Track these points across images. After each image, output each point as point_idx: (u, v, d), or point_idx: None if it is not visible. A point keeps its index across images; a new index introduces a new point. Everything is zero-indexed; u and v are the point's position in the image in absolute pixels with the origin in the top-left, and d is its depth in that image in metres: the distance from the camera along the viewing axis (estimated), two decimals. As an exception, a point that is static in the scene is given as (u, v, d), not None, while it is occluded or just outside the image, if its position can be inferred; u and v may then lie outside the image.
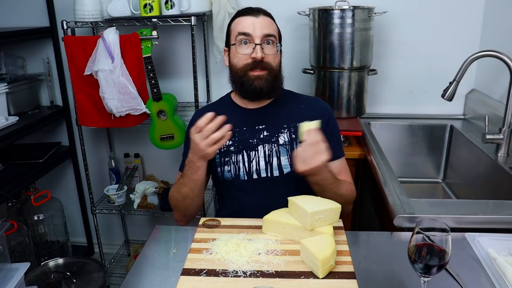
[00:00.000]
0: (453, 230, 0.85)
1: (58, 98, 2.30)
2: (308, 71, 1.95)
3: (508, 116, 1.54)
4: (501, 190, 1.47)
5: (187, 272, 0.94)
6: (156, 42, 1.84)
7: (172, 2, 1.84)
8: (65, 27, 1.88)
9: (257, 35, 1.23)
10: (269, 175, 1.29)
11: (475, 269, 0.98)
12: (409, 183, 1.97)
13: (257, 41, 1.23)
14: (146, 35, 1.82)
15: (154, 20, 1.81)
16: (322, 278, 0.90)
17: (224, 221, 1.15)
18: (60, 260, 1.70)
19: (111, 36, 1.79)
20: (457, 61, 1.57)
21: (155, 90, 1.89)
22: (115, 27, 1.83)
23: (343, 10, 1.76)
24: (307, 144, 1.09)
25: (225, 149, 1.31)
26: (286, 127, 1.31)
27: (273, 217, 1.08)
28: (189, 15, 1.80)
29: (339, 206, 1.06)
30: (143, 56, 1.85)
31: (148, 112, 1.91)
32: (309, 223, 1.01)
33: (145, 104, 1.90)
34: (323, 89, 1.90)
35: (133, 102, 1.86)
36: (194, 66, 1.86)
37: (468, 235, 1.10)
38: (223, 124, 1.11)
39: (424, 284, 0.84)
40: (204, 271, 0.94)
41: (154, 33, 1.82)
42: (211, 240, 1.06)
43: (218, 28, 1.94)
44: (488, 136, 1.56)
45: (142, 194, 2.12)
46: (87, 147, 2.27)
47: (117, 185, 2.20)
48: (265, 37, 1.24)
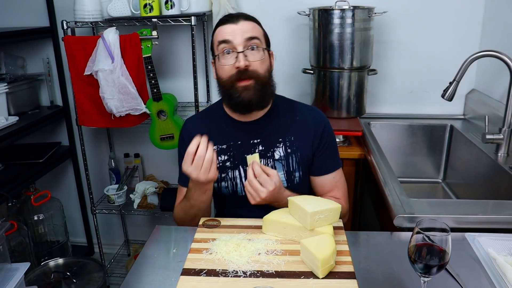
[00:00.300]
0: (453, 230, 0.85)
1: (58, 98, 2.30)
2: (308, 71, 1.95)
3: (508, 116, 1.54)
4: (501, 190, 1.47)
5: (187, 272, 0.94)
6: (156, 42, 1.84)
7: (172, 2, 1.84)
8: (65, 27, 1.88)
9: (238, 41, 1.16)
10: None
11: (475, 269, 0.98)
12: (409, 183, 1.97)
13: (239, 48, 1.16)
14: (146, 35, 1.82)
15: (154, 20, 1.81)
16: (322, 278, 0.90)
17: (224, 221, 1.15)
18: (60, 260, 1.70)
19: (111, 36, 1.79)
20: (457, 61, 1.57)
21: (155, 90, 1.89)
22: (115, 27, 1.83)
23: (343, 10, 1.76)
24: (250, 178, 1.09)
25: (220, 164, 1.27)
26: (281, 141, 1.27)
27: (273, 217, 1.08)
28: (189, 15, 1.80)
29: (339, 206, 1.06)
30: (143, 56, 1.85)
31: (148, 112, 1.91)
32: (309, 223, 1.01)
33: (145, 104, 1.90)
34: (323, 89, 1.90)
35: (133, 102, 1.86)
36: (194, 66, 1.86)
37: (468, 235, 1.09)
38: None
39: (424, 284, 0.84)
40: (204, 271, 0.94)
41: (154, 33, 1.82)
42: (211, 240, 1.06)
43: (218, 28, 1.94)
44: (488, 136, 1.56)
45: (142, 194, 2.12)
46: (87, 147, 2.28)
47: (117, 185, 2.20)
48: (247, 42, 1.17)
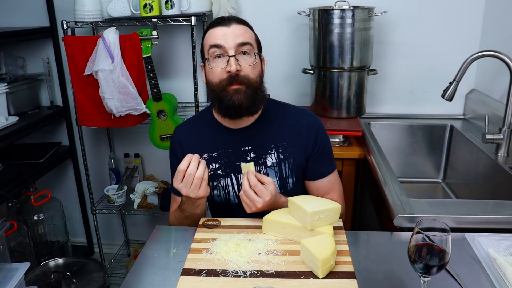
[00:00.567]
0: (453, 230, 0.85)
1: (58, 98, 2.30)
2: (308, 71, 1.95)
3: (508, 116, 1.54)
4: (501, 190, 1.47)
5: (187, 272, 0.94)
6: (156, 42, 1.84)
7: (172, 2, 1.83)
8: (65, 27, 1.88)
9: (230, 45, 1.13)
10: None
11: (475, 269, 0.98)
12: (409, 183, 1.97)
13: (231, 52, 1.13)
14: (146, 35, 1.82)
15: (154, 20, 1.81)
16: (322, 278, 0.90)
17: (224, 221, 1.15)
18: (60, 260, 1.70)
19: (111, 36, 1.79)
20: (457, 61, 1.57)
21: (155, 90, 1.89)
22: (115, 27, 1.83)
23: (343, 10, 1.76)
24: (246, 189, 1.08)
25: (212, 172, 1.25)
26: (273, 147, 1.24)
27: (273, 217, 1.08)
28: (189, 15, 1.80)
29: (339, 206, 1.06)
30: (143, 56, 1.85)
31: (148, 112, 1.91)
32: (309, 223, 1.01)
33: (145, 104, 1.90)
34: (323, 89, 1.90)
35: (133, 102, 1.86)
36: (194, 66, 1.86)
37: (468, 235, 1.09)
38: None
39: (424, 284, 0.84)
40: (204, 271, 0.94)
41: (154, 33, 1.82)
42: (211, 240, 1.06)
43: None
44: (488, 136, 1.56)
45: (142, 194, 2.12)
46: (87, 147, 2.28)
47: (117, 185, 2.20)
48: (239, 47, 1.14)
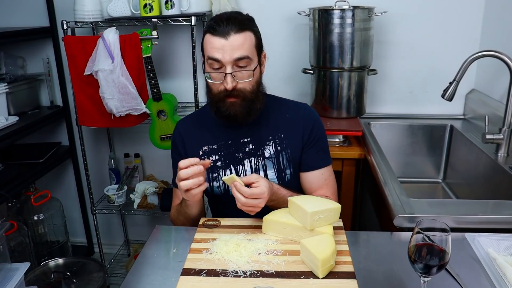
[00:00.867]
0: (453, 230, 0.85)
1: (58, 98, 2.30)
2: (308, 71, 1.95)
3: (508, 116, 1.54)
4: (501, 190, 1.47)
5: (187, 272, 0.94)
6: (156, 42, 1.84)
7: (172, 2, 1.83)
8: (65, 27, 1.88)
9: (227, 60, 1.13)
10: None
11: (475, 269, 0.98)
12: (409, 183, 1.97)
13: (228, 69, 1.13)
14: (146, 35, 1.82)
15: (154, 20, 1.81)
16: (322, 278, 0.91)
17: (224, 221, 1.15)
18: (60, 260, 1.70)
19: (111, 36, 1.79)
20: (457, 61, 1.57)
21: (155, 90, 1.89)
22: (115, 27, 1.83)
23: (343, 10, 1.76)
24: (244, 201, 1.05)
25: (212, 164, 1.27)
26: (271, 139, 1.27)
27: (273, 217, 1.08)
28: (189, 15, 1.80)
29: (339, 206, 1.06)
30: (143, 56, 1.85)
31: (148, 112, 1.91)
32: (309, 223, 1.01)
33: (145, 104, 1.90)
34: (323, 89, 1.90)
35: (133, 102, 1.86)
36: (194, 66, 1.86)
37: (468, 235, 1.10)
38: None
39: (424, 284, 0.84)
40: (204, 271, 0.94)
41: (154, 33, 1.82)
42: (211, 240, 1.06)
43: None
44: (488, 136, 1.56)
45: (142, 194, 2.12)
46: (87, 147, 2.27)
47: (117, 185, 2.20)
48: (236, 61, 1.14)
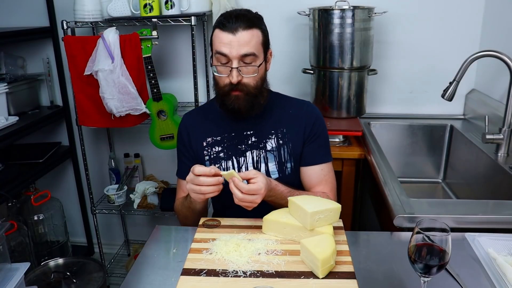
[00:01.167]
0: (453, 230, 0.85)
1: (58, 98, 2.30)
2: (308, 71, 1.95)
3: (508, 116, 1.54)
4: (501, 190, 1.47)
5: (187, 272, 0.94)
6: (156, 42, 1.84)
7: (172, 2, 1.83)
8: (65, 27, 1.88)
9: (234, 55, 1.17)
10: None
11: (475, 269, 0.98)
12: (409, 183, 1.97)
13: (234, 63, 1.17)
14: (146, 35, 1.82)
15: (154, 20, 1.81)
16: (322, 278, 0.90)
17: (224, 221, 1.15)
18: (60, 260, 1.70)
19: (111, 36, 1.79)
20: (457, 61, 1.57)
21: (155, 90, 1.89)
22: (115, 27, 1.83)
23: (343, 10, 1.76)
24: (241, 197, 1.07)
25: (215, 155, 1.31)
26: (273, 133, 1.30)
27: (273, 217, 1.08)
28: (189, 15, 1.80)
29: (339, 206, 1.06)
30: (143, 56, 1.85)
31: (148, 112, 1.91)
32: (309, 223, 1.01)
33: (145, 104, 1.90)
34: (323, 89, 1.90)
35: (133, 102, 1.86)
36: (194, 66, 1.86)
37: (468, 235, 1.10)
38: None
39: (424, 284, 0.84)
40: (204, 271, 0.94)
41: (154, 33, 1.82)
42: (211, 240, 1.06)
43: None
44: (488, 136, 1.56)
45: (142, 194, 2.12)
46: (87, 147, 2.27)
47: (117, 185, 2.20)
48: (243, 57, 1.18)
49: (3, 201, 1.86)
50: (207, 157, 1.32)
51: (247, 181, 1.10)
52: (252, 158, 1.29)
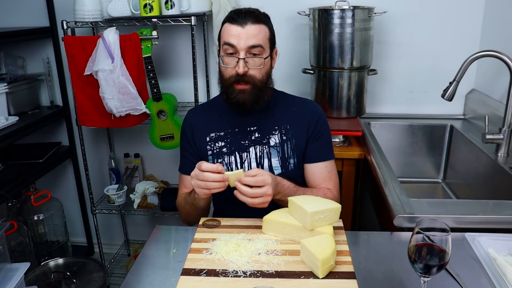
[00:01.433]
0: (453, 230, 0.85)
1: (58, 98, 2.30)
2: (308, 71, 1.95)
3: (508, 116, 1.54)
4: (501, 190, 1.47)
5: (187, 272, 0.94)
6: (156, 42, 1.84)
7: (172, 2, 1.83)
8: (65, 27, 1.88)
9: (242, 47, 1.20)
10: None
11: (475, 269, 0.98)
12: (409, 183, 1.97)
13: (242, 54, 1.20)
14: (146, 35, 1.82)
15: (154, 20, 1.81)
16: (322, 278, 0.90)
17: (224, 221, 1.15)
18: (60, 260, 1.70)
19: (111, 36, 1.79)
20: (457, 61, 1.57)
21: (155, 90, 1.89)
22: (115, 27, 1.83)
23: (343, 10, 1.76)
24: (251, 192, 1.08)
25: (217, 150, 1.32)
26: (277, 129, 1.32)
27: (273, 217, 1.08)
28: (189, 15, 1.80)
29: (339, 206, 1.06)
30: (143, 56, 1.85)
31: (148, 112, 1.91)
32: (309, 223, 1.01)
33: (145, 104, 1.90)
34: (323, 89, 1.90)
35: (133, 102, 1.86)
36: (194, 66, 1.86)
37: (468, 235, 1.10)
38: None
39: (424, 284, 0.84)
40: (204, 271, 0.94)
41: (154, 33, 1.82)
42: (211, 240, 1.06)
43: (218, 28, 1.93)
44: (488, 136, 1.56)
45: (142, 194, 2.11)
46: (87, 147, 2.27)
47: (117, 185, 2.20)
48: (250, 49, 1.20)
49: (3, 201, 1.86)
50: (210, 152, 1.33)
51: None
52: (255, 154, 1.30)
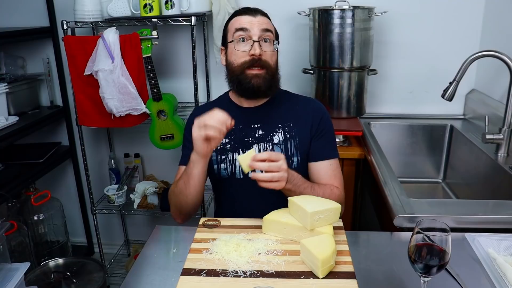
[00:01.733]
0: (453, 230, 0.85)
1: (58, 98, 2.30)
2: (308, 71, 1.95)
3: (508, 116, 1.54)
4: (501, 190, 1.47)
5: (187, 272, 0.94)
6: (156, 42, 1.84)
7: (172, 2, 1.83)
8: (65, 27, 1.88)
9: (255, 31, 1.25)
10: None
11: (475, 269, 0.98)
12: (409, 183, 1.97)
13: (255, 38, 1.24)
14: (146, 35, 1.82)
15: (154, 20, 1.81)
16: (322, 278, 0.90)
17: (224, 221, 1.15)
18: (60, 260, 1.69)
19: (111, 36, 1.79)
20: (457, 61, 1.57)
21: (155, 90, 1.89)
22: (115, 27, 1.83)
23: (343, 10, 1.76)
24: (265, 167, 1.09)
25: (221, 147, 1.32)
26: (280, 126, 1.32)
27: (273, 217, 1.08)
28: (189, 15, 1.80)
29: (339, 206, 1.06)
30: (143, 56, 1.85)
31: (148, 112, 1.91)
32: (309, 223, 1.01)
33: (145, 104, 1.90)
34: (323, 89, 1.90)
35: (133, 102, 1.86)
36: (194, 66, 1.86)
37: (468, 235, 1.10)
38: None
39: (424, 284, 0.84)
40: (204, 271, 0.94)
41: (154, 33, 1.82)
42: (211, 240, 1.05)
43: (218, 28, 1.94)
44: (488, 136, 1.56)
45: (142, 194, 2.11)
46: (87, 147, 2.27)
47: (117, 185, 2.20)
48: (263, 33, 1.25)
49: (3, 201, 1.86)
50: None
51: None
52: (259, 151, 1.30)
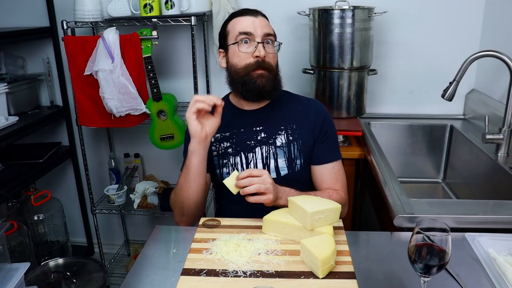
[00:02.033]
0: (453, 230, 0.85)
1: (58, 98, 2.30)
2: (308, 71, 1.95)
3: (508, 116, 1.54)
4: (501, 190, 1.47)
5: (187, 272, 0.94)
6: (156, 42, 1.84)
7: (172, 2, 1.83)
8: (65, 27, 1.88)
9: (258, 34, 1.24)
10: None
11: (475, 269, 0.98)
12: (409, 183, 1.97)
13: (259, 39, 1.24)
14: (146, 35, 1.82)
15: (154, 20, 1.81)
16: (322, 278, 0.90)
17: (224, 221, 1.15)
18: (60, 260, 1.69)
19: (111, 36, 1.79)
20: (457, 61, 1.57)
21: (155, 90, 1.89)
22: (115, 27, 1.83)
23: (343, 10, 1.76)
24: (251, 179, 1.10)
25: (223, 150, 1.31)
26: (283, 128, 1.31)
27: (273, 217, 1.08)
28: (189, 15, 1.80)
29: (339, 206, 1.05)
30: (143, 56, 1.85)
31: (148, 112, 1.91)
32: (309, 223, 1.01)
33: (145, 104, 1.90)
34: (323, 89, 1.90)
35: (133, 102, 1.86)
36: (194, 66, 1.86)
37: (468, 235, 1.10)
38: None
39: (424, 284, 0.84)
40: (204, 271, 0.94)
41: (154, 33, 1.82)
42: (211, 240, 1.05)
43: (218, 28, 1.92)
44: (488, 136, 1.56)
45: (142, 194, 2.11)
46: (87, 147, 2.27)
47: (117, 185, 2.20)
48: (265, 36, 1.25)
49: (3, 201, 1.86)
50: (215, 153, 1.31)
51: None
52: (262, 154, 1.29)
